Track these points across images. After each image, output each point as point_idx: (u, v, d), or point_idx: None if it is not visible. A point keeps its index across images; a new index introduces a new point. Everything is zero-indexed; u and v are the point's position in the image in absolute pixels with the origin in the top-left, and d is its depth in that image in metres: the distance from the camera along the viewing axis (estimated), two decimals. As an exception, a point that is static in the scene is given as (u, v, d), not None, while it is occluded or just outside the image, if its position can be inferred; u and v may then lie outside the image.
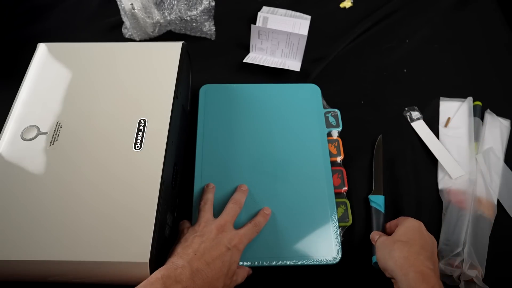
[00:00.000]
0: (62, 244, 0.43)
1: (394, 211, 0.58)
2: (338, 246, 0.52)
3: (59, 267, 0.42)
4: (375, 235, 0.51)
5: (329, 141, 0.61)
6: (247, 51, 0.74)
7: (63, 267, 0.42)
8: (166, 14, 0.72)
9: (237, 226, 0.50)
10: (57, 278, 0.44)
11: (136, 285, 0.39)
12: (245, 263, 0.50)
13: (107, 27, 0.77)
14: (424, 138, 0.64)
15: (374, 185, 0.59)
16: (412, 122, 0.66)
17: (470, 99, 0.68)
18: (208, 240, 0.45)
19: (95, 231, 0.43)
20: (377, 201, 0.57)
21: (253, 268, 0.51)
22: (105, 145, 0.49)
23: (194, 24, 0.74)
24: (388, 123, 0.67)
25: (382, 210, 0.56)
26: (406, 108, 0.68)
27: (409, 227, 0.49)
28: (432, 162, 0.63)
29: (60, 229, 0.44)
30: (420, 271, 0.43)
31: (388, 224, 0.54)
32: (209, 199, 0.52)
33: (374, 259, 0.52)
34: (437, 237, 0.55)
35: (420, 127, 0.66)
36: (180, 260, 0.43)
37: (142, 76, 0.56)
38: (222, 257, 0.44)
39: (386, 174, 0.61)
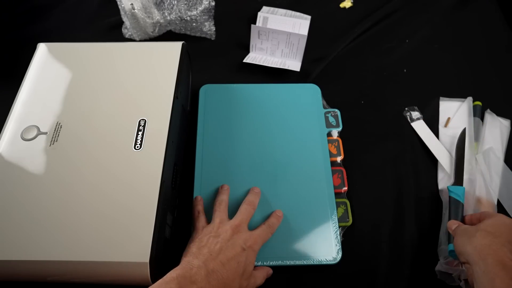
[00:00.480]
0: (62, 244, 0.43)
1: (394, 211, 0.58)
2: (338, 246, 0.52)
3: (59, 267, 0.42)
4: (452, 224, 0.50)
5: (329, 141, 0.61)
6: (247, 51, 0.74)
7: (63, 267, 0.42)
8: (166, 14, 0.72)
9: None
10: (57, 278, 0.44)
11: (136, 285, 0.39)
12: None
13: (107, 27, 0.77)
14: (424, 138, 0.64)
15: (455, 176, 0.60)
16: (412, 122, 0.66)
17: (470, 99, 0.68)
18: (224, 241, 0.45)
19: (95, 231, 0.43)
20: (457, 191, 0.57)
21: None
22: (105, 145, 0.49)
23: (194, 24, 0.74)
24: (388, 123, 0.67)
25: (462, 201, 0.56)
26: (406, 108, 0.68)
27: (499, 220, 0.47)
28: (432, 162, 0.63)
29: (60, 229, 0.44)
30: (501, 260, 0.40)
31: (469, 216, 0.53)
32: (224, 200, 0.52)
33: (450, 247, 0.51)
34: (437, 237, 0.55)
35: (420, 127, 0.66)
36: (195, 260, 0.42)
37: (142, 76, 0.56)
38: (237, 257, 0.44)
39: (386, 174, 0.61)
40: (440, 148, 0.63)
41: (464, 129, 0.64)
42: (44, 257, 0.42)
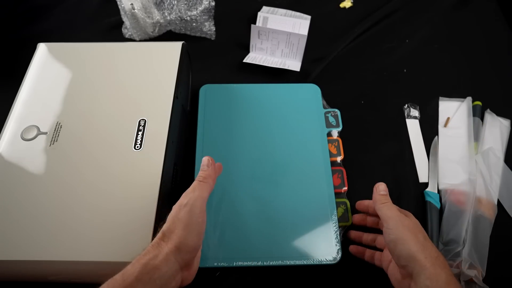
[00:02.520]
0: (62, 244, 0.43)
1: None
2: (338, 246, 0.52)
3: (59, 267, 0.43)
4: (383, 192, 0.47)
5: (329, 141, 0.61)
6: (247, 51, 0.74)
7: (62, 267, 0.42)
8: (166, 14, 0.72)
9: (243, 225, 0.50)
10: (57, 278, 0.44)
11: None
12: (245, 263, 0.50)
13: (107, 27, 0.77)
14: (411, 137, 0.65)
15: (430, 181, 0.61)
16: (407, 118, 0.67)
17: (469, 99, 0.68)
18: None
19: (95, 231, 0.43)
20: (433, 196, 0.58)
21: (253, 268, 0.51)
22: (105, 145, 0.49)
23: (194, 24, 0.74)
24: (388, 123, 0.67)
25: (438, 205, 0.57)
26: (408, 104, 0.68)
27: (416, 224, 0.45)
28: (432, 162, 0.63)
29: (60, 229, 0.44)
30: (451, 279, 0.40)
31: (364, 205, 0.53)
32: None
33: None
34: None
35: (413, 126, 0.66)
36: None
37: (142, 76, 0.56)
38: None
39: (386, 174, 0.61)
40: (422, 153, 0.64)
41: (437, 137, 0.65)
42: (44, 257, 0.42)
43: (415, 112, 0.68)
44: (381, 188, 0.48)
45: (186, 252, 0.39)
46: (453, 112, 0.68)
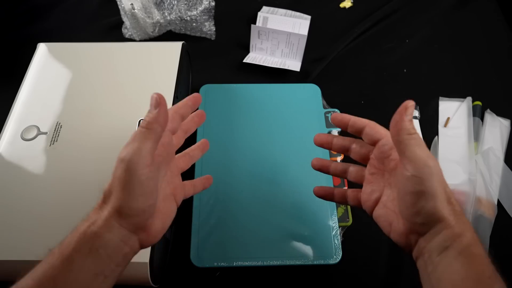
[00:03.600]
0: (62, 244, 0.43)
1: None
2: (338, 246, 0.52)
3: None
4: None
5: (329, 141, 0.61)
6: (247, 51, 0.74)
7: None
8: (166, 14, 0.72)
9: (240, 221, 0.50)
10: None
11: (135, 285, 0.39)
12: (245, 263, 0.50)
13: (107, 27, 0.77)
14: None
15: None
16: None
17: (469, 99, 0.68)
18: None
19: (95, 231, 0.43)
20: None
21: (253, 268, 0.51)
22: (105, 145, 0.49)
23: (194, 24, 0.74)
24: (388, 123, 0.67)
25: None
26: None
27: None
28: (432, 162, 0.63)
29: (60, 229, 0.43)
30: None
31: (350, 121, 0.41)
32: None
33: None
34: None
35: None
36: None
37: (142, 76, 0.56)
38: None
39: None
40: None
41: (437, 137, 0.64)
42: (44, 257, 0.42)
43: (415, 112, 0.68)
44: (410, 111, 0.35)
45: (131, 216, 0.32)
46: (453, 112, 0.68)
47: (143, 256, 0.42)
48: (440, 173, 0.32)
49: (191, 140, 0.60)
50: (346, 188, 0.41)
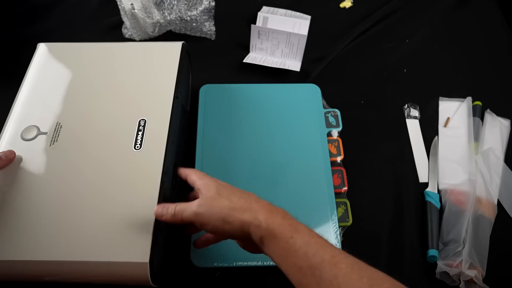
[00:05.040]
0: (62, 244, 0.43)
1: (394, 210, 0.58)
2: (338, 246, 0.52)
3: (59, 267, 0.42)
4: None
5: (329, 141, 0.61)
6: (247, 51, 0.74)
7: (63, 267, 0.42)
8: (166, 14, 0.72)
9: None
10: (57, 278, 0.44)
11: (136, 285, 0.39)
12: (245, 263, 0.50)
13: (107, 27, 0.77)
14: (411, 138, 0.65)
15: (431, 181, 0.61)
16: (407, 118, 0.67)
17: (469, 99, 0.68)
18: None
19: (95, 231, 0.43)
20: (433, 196, 0.58)
21: (253, 268, 0.51)
22: (105, 145, 0.49)
23: (194, 24, 0.74)
24: (388, 123, 0.67)
25: (438, 205, 0.58)
26: (408, 104, 0.68)
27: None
28: (432, 162, 0.63)
29: (60, 229, 0.44)
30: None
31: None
32: None
33: (430, 252, 0.53)
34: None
35: (413, 126, 0.66)
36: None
37: (142, 76, 0.55)
38: None
39: (386, 174, 0.61)
40: (422, 153, 0.63)
41: (437, 137, 0.65)
42: (44, 257, 0.42)
43: (415, 112, 0.68)
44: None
45: None
46: (453, 112, 0.68)
47: (143, 256, 0.42)
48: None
49: (191, 141, 0.60)
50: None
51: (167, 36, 0.76)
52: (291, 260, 0.36)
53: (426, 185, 0.61)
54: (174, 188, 0.53)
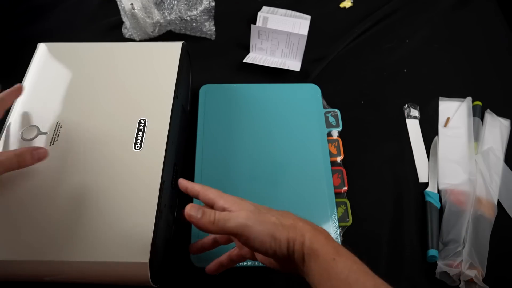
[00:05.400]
0: (62, 244, 0.43)
1: (394, 210, 0.58)
2: (338, 246, 0.52)
3: (59, 267, 0.42)
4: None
5: (329, 141, 0.61)
6: (247, 51, 0.74)
7: (63, 267, 0.42)
8: (166, 14, 0.72)
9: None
10: (57, 278, 0.44)
11: (136, 285, 0.39)
12: (245, 263, 0.50)
13: (107, 27, 0.77)
14: (411, 138, 0.65)
15: (431, 181, 0.61)
16: (407, 118, 0.67)
17: (469, 99, 0.68)
18: None
19: (94, 231, 0.43)
20: (433, 196, 0.58)
21: (253, 268, 0.51)
22: (105, 145, 0.49)
23: (194, 24, 0.74)
24: (388, 123, 0.67)
25: (438, 205, 0.58)
26: (408, 104, 0.68)
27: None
28: (432, 162, 0.63)
29: (60, 229, 0.44)
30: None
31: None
32: None
33: (430, 252, 0.53)
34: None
35: (413, 126, 0.66)
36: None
37: (142, 76, 0.55)
38: None
39: (386, 174, 0.61)
40: (422, 153, 0.64)
41: (437, 137, 0.65)
42: (44, 257, 0.42)
43: (415, 112, 0.68)
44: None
45: None
46: (453, 112, 0.68)
47: (143, 256, 0.42)
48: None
49: (191, 141, 0.60)
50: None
51: (167, 36, 0.76)
52: (331, 283, 0.35)
53: (426, 185, 0.61)
54: (174, 188, 0.53)
